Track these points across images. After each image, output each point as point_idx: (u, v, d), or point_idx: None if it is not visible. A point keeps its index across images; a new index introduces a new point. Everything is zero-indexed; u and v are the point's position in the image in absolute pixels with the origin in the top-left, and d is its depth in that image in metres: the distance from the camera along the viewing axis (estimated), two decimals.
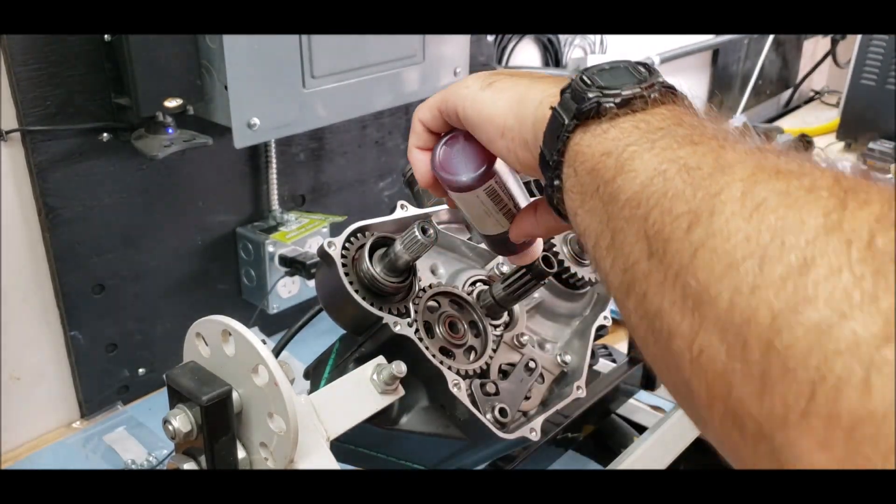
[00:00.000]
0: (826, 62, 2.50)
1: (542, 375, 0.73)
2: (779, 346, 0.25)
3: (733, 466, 0.30)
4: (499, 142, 0.43)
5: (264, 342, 0.47)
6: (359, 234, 0.64)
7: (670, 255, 0.30)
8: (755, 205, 0.27)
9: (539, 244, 0.57)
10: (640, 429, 0.98)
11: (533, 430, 0.66)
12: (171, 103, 1.04)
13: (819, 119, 2.42)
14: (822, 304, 0.24)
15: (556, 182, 0.39)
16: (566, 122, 0.37)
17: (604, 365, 1.00)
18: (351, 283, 0.61)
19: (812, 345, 0.24)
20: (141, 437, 1.18)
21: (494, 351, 0.69)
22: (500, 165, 0.48)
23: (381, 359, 0.60)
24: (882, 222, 0.25)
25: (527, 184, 0.55)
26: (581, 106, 0.36)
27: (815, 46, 2.66)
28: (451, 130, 0.49)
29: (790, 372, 0.24)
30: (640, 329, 0.33)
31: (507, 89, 0.43)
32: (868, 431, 0.22)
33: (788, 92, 2.61)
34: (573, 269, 0.75)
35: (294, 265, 1.28)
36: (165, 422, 0.48)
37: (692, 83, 2.09)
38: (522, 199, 0.51)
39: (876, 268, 0.24)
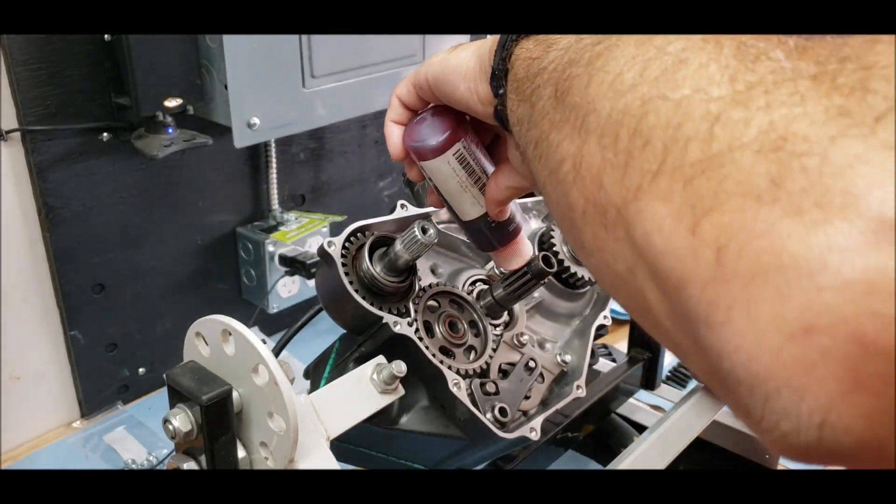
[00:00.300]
0: None
1: (541, 375, 0.73)
2: (644, 127, 0.27)
3: (596, 269, 0.32)
4: (461, 86, 0.45)
5: (264, 342, 0.47)
6: (359, 234, 0.64)
7: (571, 91, 0.32)
8: (649, 37, 0.29)
9: (527, 243, 0.57)
10: (640, 428, 0.98)
11: (533, 430, 0.66)
12: (171, 103, 1.04)
13: None
14: (687, 88, 0.26)
15: (501, 90, 0.40)
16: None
17: (604, 364, 1.00)
18: (351, 282, 0.61)
19: (671, 118, 0.26)
20: (141, 437, 1.18)
21: (494, 350, 0.69)
22: (467, 136, 0.50)
23: (381, 358, 0.60)
24: (754, 38, 0.27)
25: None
26: None
27: None
28: (421, 112, 0.52)
29: (649, 144, 0.26)
30: (542, 175, 0.34)
31: (472, 45, 0.46)
32: (701, 170, 0.24)
33: None
34: (573, 268, 0.75)
35: (294, 265, 1.28)
36: (165, 421, 0.48)
37: None
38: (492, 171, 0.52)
39: (740, 60, 0.26)
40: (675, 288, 0.25)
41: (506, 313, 0.72)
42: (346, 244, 0.63)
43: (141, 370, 1.26)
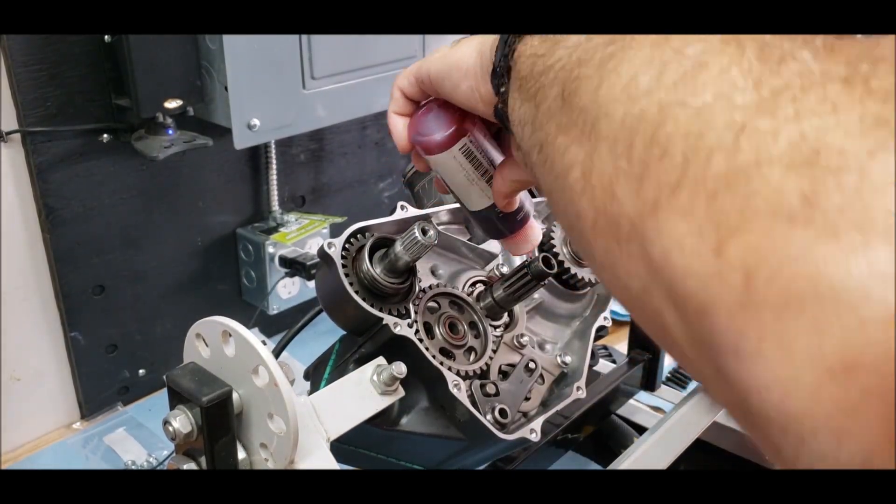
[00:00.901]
0: None
1: (542, 376, 0.73)
2: (661, 135, 0.25)
3: (609, 284, 0.30)
4: (462, 84, 0.43)
5: (264, 343, 0.47)
6: (359, 235, 0.64)
7: (580, 93, 0.30)
8: (665, 38, 0.27)
9: (537, 229, 0.55)
10: (640, 429, 0.98)
11: (533, 431, 0.66)
12: (172, 104, 1.04)
13: None
14: (708, 94, 0.24)
15: (503, 88, 0.38)
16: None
17: (604, 365, 1.00)
18: (351, 283, 0.61)
19: (691, 127, 0.24)
20: (141, 438, 1.18)
21: (494, 352, 0.69)
22: (474, 129, 0.49)
23: (381, 360, 0.60)
24: (778, 38, 0.25)
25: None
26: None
27: None
28: (426, 101, 0.51)
29: (667, 155, 0.24)
30: (547, 179, 0.33)
31: (473, 40, 0.44)
32: (725, 185, 0.22)
33: None
34: (573, 269, 0.75)
35: (294, 266, 1.28)
36: (165, 422, 0.48)
37: None
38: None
39: (764, 63, 0.24)
40: (696, 313, 0.23)
41: (506, 314, 0.72)
42: (346, 245, 0.63)
43: (141, 371, 1.26)
